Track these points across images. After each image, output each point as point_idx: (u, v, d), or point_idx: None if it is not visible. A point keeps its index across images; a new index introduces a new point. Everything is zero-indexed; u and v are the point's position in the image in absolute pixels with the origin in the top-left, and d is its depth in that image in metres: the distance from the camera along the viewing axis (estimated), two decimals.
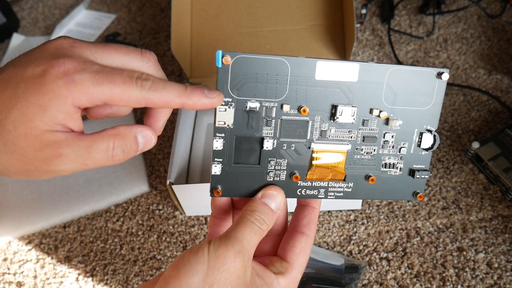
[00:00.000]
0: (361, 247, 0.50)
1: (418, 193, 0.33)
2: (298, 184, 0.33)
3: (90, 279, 0.51)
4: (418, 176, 0.33)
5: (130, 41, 0.79)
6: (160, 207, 0.56)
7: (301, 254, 0.31)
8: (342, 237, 0.51)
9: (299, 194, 0.33)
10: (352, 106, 0.31)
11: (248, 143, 0.32)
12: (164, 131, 0.65)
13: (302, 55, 0.42)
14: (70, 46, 0.28)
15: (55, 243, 0.55)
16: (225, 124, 0.31)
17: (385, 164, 0.33)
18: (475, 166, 0.55)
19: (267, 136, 0.31)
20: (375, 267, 0.48)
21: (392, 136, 0.32)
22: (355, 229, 0.52)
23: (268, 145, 0.31)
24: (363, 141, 0.32)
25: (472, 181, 0.54)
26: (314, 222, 0.32)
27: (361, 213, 0.53)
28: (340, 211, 0.53)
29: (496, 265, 0.47)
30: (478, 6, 0.73)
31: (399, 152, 0.33)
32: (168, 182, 0.48)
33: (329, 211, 0.53)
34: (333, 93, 0.31)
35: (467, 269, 0.47)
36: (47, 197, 0.58)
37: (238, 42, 0.62)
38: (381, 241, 0.50)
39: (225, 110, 0.30)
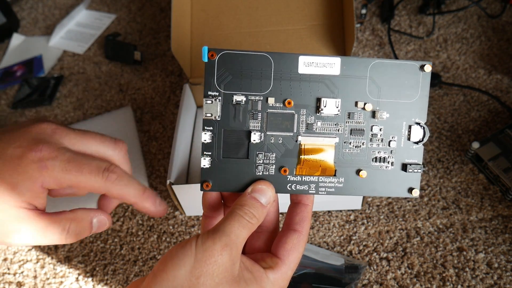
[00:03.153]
0: (361, 247, 0.50)
1: (413, 188, 0.33)
2: (288, 179, 0.33)
3: (90, 279, 0.51)
4: (410, 171, 0.33)
5: (130, 41, 0.79)
6: None
7: (293, 250, 0.31)
8: (342, 237, 0.51)
9: (289, 189, 0.33)
10: (336, 99, 0.32)
11: (236, 137, 0.32)
12: (164, 131, 0.65)
13: None
14: (51, 133, 0.32)
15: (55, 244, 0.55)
16: (212, 116, 0.32)
17: (376, 158, 0.33)
18: (475, 166, 0.55)
19: (254, 129, 0.32)
20: (375, 267, 0.48)
21: (380, 129, 0.32)
22: (355, 229, 0.52)
23: (255, 138, 0.32)
24: (351, 134, 0.32)
25: (472, 181, 0.54)
26: (307, 219, 0.32)
27: (361, 213, 0.53)
28: (340, 211, 0.53)
29: (496, 265, 0.47)
30: (478, 6, 0.73)
31: (389, 145, 0.33)
32: (168, 182, 0.48)
33: (329, 211, 0.53)
34: (317, 87, 0.32)
35: (467, 269, 0.47)
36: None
37: (238, 42, 0.62)
38: (381, 241, 0.50)
39: (212, 102, 0.31)
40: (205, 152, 0.32)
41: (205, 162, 0.32)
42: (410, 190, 0.33)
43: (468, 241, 0.49)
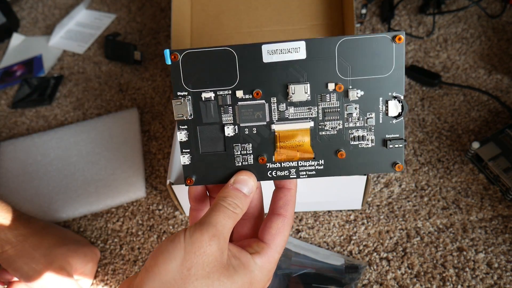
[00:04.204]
0: (361, 247, 0.50)
1: (396, 163, 0.32)
2: (267, 166, 0.33)
3: (91, 280, 0.51)
4: (391, 146, 0.32)
5: (130, 41, 0.79)
6: (160, 207, 0.56)
7: (278, 234, 0.32)
8: (342, 237, 0.51)
9: (270, 176, 0.33)
10: (304, 83, 0.31)
11: (211, 132, 0.33)
12: (164, 131, 0.65)
13: None
14: None
15: None
16: (183, 116, 0.32)
17: (354, 137, 0.32)
18: (475, 166, 0.55)
19: (227, 123, 0.32)
20: (375, 267, 0.48)
21: (356, 108, 0.32)
22: (355, 229, 0.52)
23: (229, 131, 0.32)
24: (325, 116, 0.32)
25: (472, 181, 0.54)
26: (290, 202, 0.33)
27: (361, 213, 0.53)
28: (340, 211, 0.53)
29: (496, 265, 0.47)
30: (478, 6, 0.73)
31: (367, 123, 0.32)
32: (168, 182, 0.48)
33: (329, 211, 0.53)
34: (284, 73, 0.31)
35: (467, 269, 0.47)
36: (44, 195, 0.58)
37: (238, 42, 0.62)
38: (381, 241, 0.50)
39: (181, 103, 0.32)
40: (183, 150, 0.33)
41: (185, 159, 0.33)
42: (394, 165, 0.32)
43: (468, 241, 0.49)
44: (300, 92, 0.31)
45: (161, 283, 0.27)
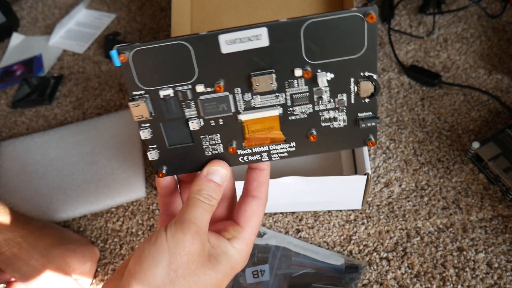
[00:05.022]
0: (361, 247, 0.50)
1: (370, 139, 0.31)
2: (238, 153, 0.32)
3: (91, 279, 0.51)
4: (364, 125, 0.31)
5: (130, 41, 0.79)
6: None
7: (253, 216, 0.32)
8: (342, 237, 0.51)
9: (242, 161, 0.33)
10: (268, 73, 0.29)
11: (176, 126, 0.31)
12: None
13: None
14: None
15: None
16: (143, 117, 0.30)
17: (325, 119, 0.31)
18: (475, 166, 0.55)
19: (190, 118, 0.31)
20: (375, 267, 0.48)
21: (326, 91, 0.30)
22: (355, 229, 0.52)
23: (194, 126, 0.31)
24: (294, 102, 0.30)
25: (472, 181, 0.54)
26: (264, 184, 0.33)
27: (361, 213, 0.53)
28: (340, 211, 0.53)
29: (496, 265, 0.47)
30: (478, 6, 0.73)
31: (338, 104, 0.30)
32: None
33: (329, 211, 0.53)
34: (246, 63, 0.28)
35: (467, 269, 0.47)
36: (44, 195, 0.58)
37: None
38: (381, 241, 0.50)
39: (138, 105, 0.29)
40: (149, 146, 0.32)
41: (153, 155, 0.32)
42: (367, 140, 0.32)
43: (468, 241, 0.49)
44: (265, 82, 0.29)
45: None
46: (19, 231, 0.46)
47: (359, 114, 0.31)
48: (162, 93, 0.29)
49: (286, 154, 0.33)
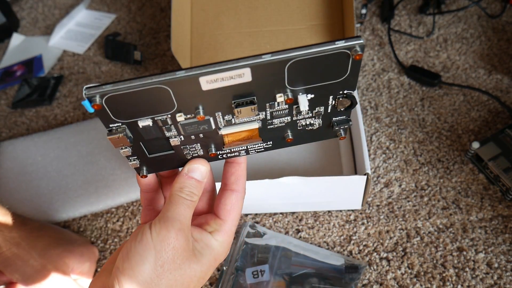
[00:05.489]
0: (361, 247, 0.50)
1: (341, 134, 0.33)
2: (218, 153, 0.33)
3: (90, 279, 0.51)
4: (337, 128, 0.32)
5: (130, 41, 0.79)
6: None
7: (232, 209, 0.34)
8: (342, 237, 0.51)
9: (221, 157, 0.34)
10: (250, 104, 0.28)
11: (156, 142, 0.31)
12: None
13: None
14: None
15: None
16: (123, 145, 0.30)
17: (302, 125, 0.32)
18: (475, 166, 0.55)
19: (171, 137, 0.31)
20: (375, 267, 0.48)
21: (305, 106, 0.30)
22: (355, 229, 0.52)
23: (175, 142, 0.31)
24: (273, 117, 0.31)
25: (472, 181, 0.54)
26: (241, 177, 0.34)
27: (361, 213, 0.53)
28: (340, 211, 0.53)
29: (496, 265, 0.47)
30: (478, 6, 0.73)
31: (314, 114, 0.31)
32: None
33: (329, 211, 0.53)
34: (228, 95, 0.28)
35: (467, 269, 0.47)
36: (44, 195, 0.58)
37: (238, 42, 0.62)
38: (381, 241, 0.50)
39: (118, 137, 0.29)
40: (130, 158, 0.32)
41: (134, 164, 0.32)
42: (338, 135, 0.33)
43: (468, 241, 0.49)
44: (247, 111, 0.29)
45: (138, 283, 0.29)
46: (16, 232, 0.46)
47: (333, 119, 0.32)
48: (141, 124, 0.29)
49: (263, 149, 0.34)
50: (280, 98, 0.29)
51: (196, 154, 0.33)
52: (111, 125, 0.29)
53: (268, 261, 0.49)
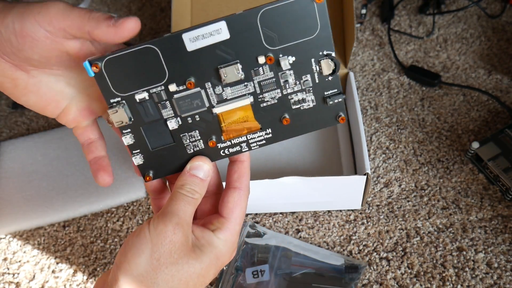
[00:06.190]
0: (361, 247, 0.50)
1: (340, 116, 0.33)
2: (219, 147, 0.34)
3: (91, 280, 0.51)
4: (331, 102, 0.32)
5: (130, 41, 0.79)
6: None
7: (235, 207, 0.33)
8: (342, 237, 0.51)
9: (223, 154, 0.34)
10: (234, 64, 0.30)
11: (156, 128, 0.33)
12: None
13: None
14: None
15: (55, 243, 0.55)
16: (123, 123, 0.32)
17: (295, 101, 0.33)
18: (475, 166, 0.55)
19: (168, 117, 0.32)
20: (375, 267, 0.48)
21: (291, 74, 0.32)
22: (355, 229, 0.52)
23: (172, 125, 0.33)
24: (262, 89, 0.32)
25: (472, 181, 0.54)
26: (245, 175, 0.34)
27: (361, 213, 0.53)
28: (340, 211, 0.53)
29: (496, 265, 0.47)
30: (478, 6, 0.73)
31: (304, 85, 0.32)
32: (167, 182, 0.48)
33: (329, 211, 0.53)
34: (213, 57, 0.30)
35: (467, 269, 0.47)
36: (45, 195, 0.58)
37: None
38: (381, 241, 0.50)
39: (117, 111, 0.31)
40: (133, 152, 0.33)
41: (138, 160, 0.34)
42: (337, 117, 0.33)
43: (468, 241, 0.49)
44: (232, 73, 0.31)
45: (133, 277, 0.29)
46: None
47: (325, 93, 0.33)
48: (138, 97, 0.31)
49: (264, 141, 0.34)
50: (261, 59, 0.30)
51: (197, 148, 0.34)
52: (111, 100, 0.31)
53: (268, 261, 0.49)
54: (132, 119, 0.32)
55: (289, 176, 0.47)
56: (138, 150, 0.34)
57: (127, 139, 0.33)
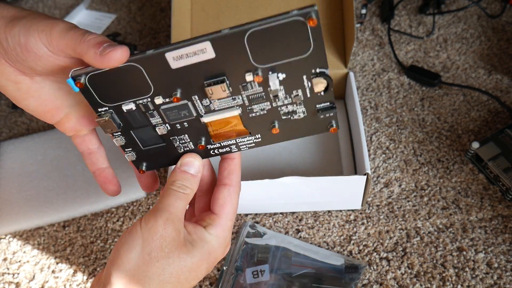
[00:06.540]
0: (361, 247, 0.50)
1: (332, 126, 0.32)
2: (208, 148, 0.34)
3: (91, 280, 0.51)
4: (322, 116, 0.32)
5: (130, 41, 0.79)
6: None
7: (226, 204, 0.34)
8: (342, 237, 0.51)
9: (213, 153, 0.35)
10: (221, 83, 0.29)
11: (145, 132, 0.33)
12: None
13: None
14: None
15: (55, 243, 0.55)
16: (112, 131, 0.32)
17: (285, 113, 0.32)
18: (475, 166, 0.55)
19: (156, 124, 0.33)
20: (375, 267, 0.48)
21: (280, 90, 0.30)
22: (355, 229, 0.52)
23: (161, 131, 0.33)
24: (251, 102, 0.31)
25: (472, 181, 0.54)
26: (235, 171, 0.35)
27: (361, 213, 0.53)
28: (340, 211, 0.53)
29: (496, 265, 0.47)
30: (478, 6, 0.73)
31: (295, 99, 0.31)
32: None
33: (329, 211, 0.53)
34: (198, 74, 0.29)
35: (467, 269, 0.47)
36: (45, 195, 0.58)
37: None
38: (381, 241, 0.50)
39: (105, 121, 0.31)
40: (125, 150, 0.34)
41: (130, 157, 0.35)
42: (329, 127, 0.33)
43: (468, 241, 0.49)
44: (218, 91, 0.30)
45: (125, 272, 0.29)
46: None
47: (317, 106, 0.31)
48: (125, 107, 0.31)
49: (253, 144, 0.34)
50: (249, 77, 0.29)
51: (187, 148, 0.34)
52: (99, 109, 0.31)
53: (268, 261, 0.49)
54: (122, 125, 0.32)
55: (289, 176, 0.47)
56: (130, 149, 0.34)
57: (118, 141, 0.34)
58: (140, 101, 0.31)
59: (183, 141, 0.34)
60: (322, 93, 0.30)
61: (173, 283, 0.30)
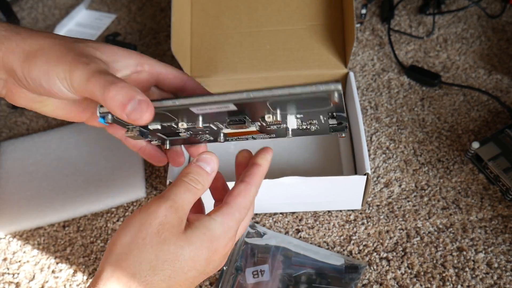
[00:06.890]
0: (361, 247, 0.50)
1: (342, 135, 0.35)
2: (227, 138, 0.37)
3: (91, 280, 0.51)
4: (334, 132, 0.34)
5: (130, 41, 0.79)
6: None
7: (239, 196, 0.32)
8: (342, 237, 0.51)
9: (229, 140, 0.37)
10: (241, 123, 0.31)
11: (169, 129, 0.35)
12: None
13: (302, 55, 0.42)
14: None
15: (55, 243, 0.55)
16: (136, 137, 0.34)
17: (301, 129, 0.34)
18: (475, 166, 0.55)
19: (180, 132, 0.34)
20: (375, 267, 0.48)
21: (293, 124, 0.32)
22: (355, 229, 0.52)
23: (183, 135, 0.35)
24: (268, 126, 0.33)
25: (472, 181, 0.54)
26: (257, 175, 0.33)
27: (361, 213, 0.53)
28: (340, 211, 0.53)
29: (496, 265, 0.47)
30: (478, 6, 0.73)
31: (311, 124, 0.33)
32: (168, 182, 0.48)
33: (329, 211, 0.53)
34: (219, 119, 0.32)
35: (467, 269, 0.47)
36: (45, 195, 0.58)
37: (238, 42, 0.62)
38: (381, 241, 0.50)
39: (133, 135, 0.34)
40: (128, 126, 0.34)
41: (132, 133, 0.34)
42: (339, 135, 0.35)
43: (468, 241, 0.49)
44: (238, 128, 0.33)
45: (116, 256, 0.28)
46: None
47: (330, 125, 0.33)
48: (151, 127, 0.33)
49: (268, 137, 0.37)
50: (268, 118, 0.30)
51: (207, 139, 0.37)
52: (127, 126, 0.33)
53: (268, 261, 0.49)
54: (148, 134, 0.35)
55: (289, 176, 0.47)
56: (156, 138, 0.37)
57: (154, 125, 0.34)
58: (166, 123, 0.33)
59: (203, 138, 0.37)
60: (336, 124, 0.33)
61: (166, 270, 0.28)
